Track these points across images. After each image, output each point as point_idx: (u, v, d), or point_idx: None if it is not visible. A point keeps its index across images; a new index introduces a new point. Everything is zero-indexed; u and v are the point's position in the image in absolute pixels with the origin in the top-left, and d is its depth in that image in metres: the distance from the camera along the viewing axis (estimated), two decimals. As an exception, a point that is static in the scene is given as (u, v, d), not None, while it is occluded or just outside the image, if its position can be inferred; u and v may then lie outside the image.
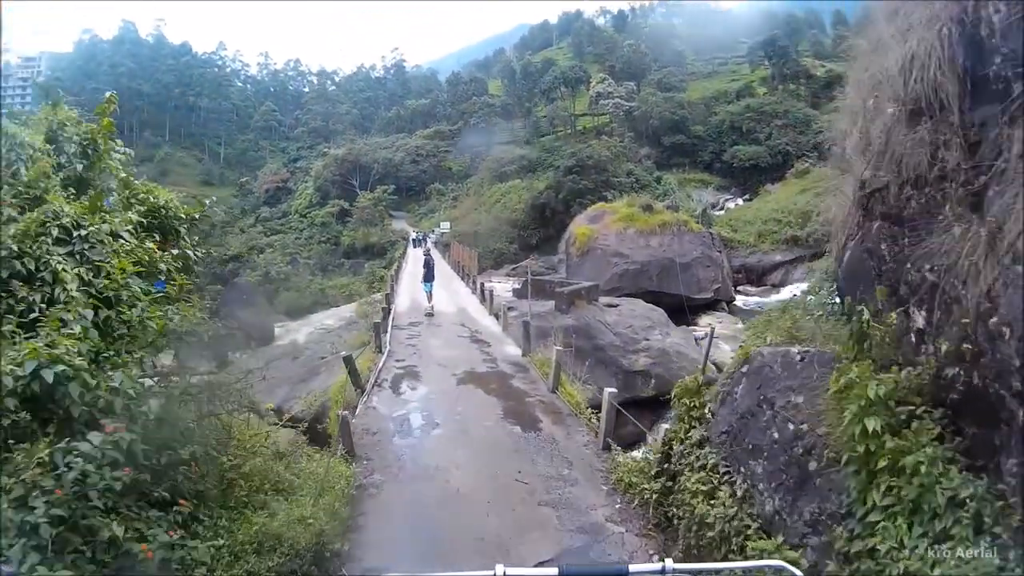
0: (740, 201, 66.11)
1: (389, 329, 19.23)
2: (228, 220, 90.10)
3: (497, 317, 21.20)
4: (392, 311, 22.69)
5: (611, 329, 23.08)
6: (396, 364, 15.31)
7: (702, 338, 29.10)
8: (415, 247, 54.42)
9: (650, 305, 27.11)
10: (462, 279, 33.70)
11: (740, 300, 40.24)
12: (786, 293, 42.83)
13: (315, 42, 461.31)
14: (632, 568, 2.58)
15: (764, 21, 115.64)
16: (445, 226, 64.89)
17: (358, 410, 11.39)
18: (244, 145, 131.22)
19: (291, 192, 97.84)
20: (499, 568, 2.45)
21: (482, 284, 26.91)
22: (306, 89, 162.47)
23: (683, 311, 31.05)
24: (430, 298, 23.50)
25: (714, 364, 25.22)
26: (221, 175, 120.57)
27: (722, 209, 61.43)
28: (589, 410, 11.34)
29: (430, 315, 22.59)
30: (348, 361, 12.60)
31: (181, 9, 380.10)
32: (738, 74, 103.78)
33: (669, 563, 2.52)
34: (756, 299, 41.70)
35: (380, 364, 14.90)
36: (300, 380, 21.91)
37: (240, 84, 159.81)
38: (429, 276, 23.72)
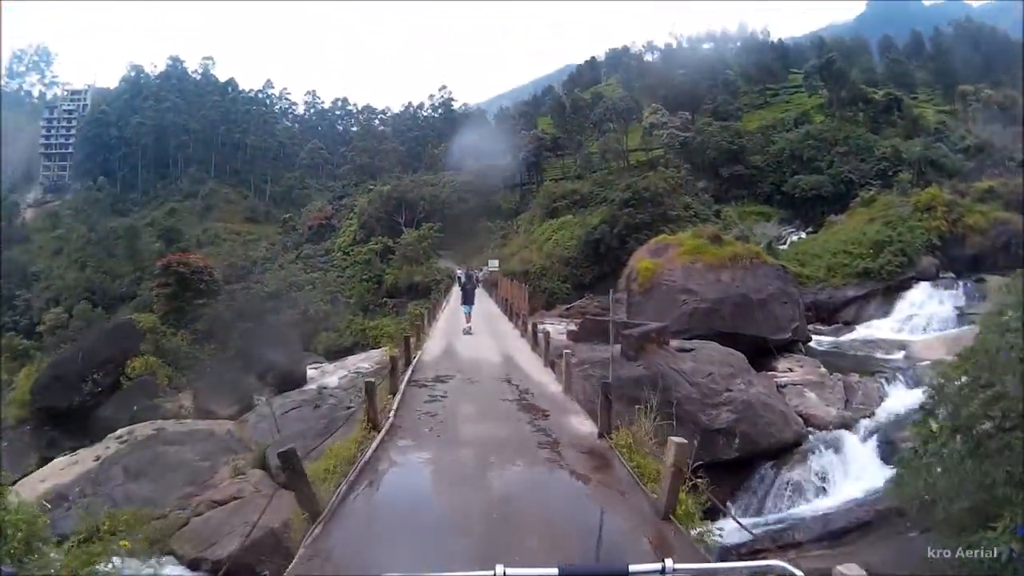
0: (803, 234, 62.32)
1: (401, 388, 14.03)
2: (269, 257, 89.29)
3: (554, 367, 16.17)
4: (414, 360, 18.03)
5: (687, 378, 19.66)
6: (396, 455, 9.45)
7: (784, 386, 25.60)
8: (460, 286, 52.38)
9: (728, 349, 23.45)
10: (510, 319, 29.87)
11: (814, 340, 36.41)
12: (861, 331, 39.35)
13: (363, 81, 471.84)
14: (632, 568, 2.31)
15: (814, 52, 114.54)
16: (493, 264, 62.75)
17: (295, 561, 5.94)
18: (290, 182, 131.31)
19: (335, 229, 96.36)
20: (499, 568, 2.22)
21: (534, 325, 22.18)
22: (354, 127, 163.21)
23: (757, 354, 27.69)
24: (468, 319, 24.52)
25: (801, 416, 22.10)
26: (267, 212, 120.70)
27: (785, 243, 57.82)
28: (709, 524, 7.07)
29: (468, 333, 23.46)
30: (287, 459, 6.56)
31: (228, 46, 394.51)
32: (793, 103, 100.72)
33: (669, 563, 2.30)
34: (830, 338, 38.04)
35: (368, 453, 9.14)
36: (318, 434, 18.86)
37: (288, 123, 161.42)
38: (469, 299, 25.38)
